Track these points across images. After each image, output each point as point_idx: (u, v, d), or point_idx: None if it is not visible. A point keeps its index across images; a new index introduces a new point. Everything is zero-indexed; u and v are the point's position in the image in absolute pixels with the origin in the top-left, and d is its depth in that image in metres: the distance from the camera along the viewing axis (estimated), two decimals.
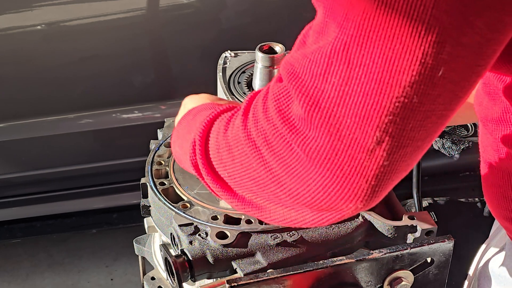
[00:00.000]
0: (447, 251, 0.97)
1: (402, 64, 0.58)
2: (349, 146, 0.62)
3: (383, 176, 0.63)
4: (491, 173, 0.87)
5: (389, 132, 0.60)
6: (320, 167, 0.63)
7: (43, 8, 1.83)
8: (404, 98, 0.59)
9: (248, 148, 0.69)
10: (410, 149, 0.62)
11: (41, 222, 2.22)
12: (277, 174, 0.67)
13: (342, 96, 0.60)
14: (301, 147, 0.64)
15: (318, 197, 0.66)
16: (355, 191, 0.64)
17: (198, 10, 1.88)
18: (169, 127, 1.26)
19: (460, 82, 0.60)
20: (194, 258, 0.94)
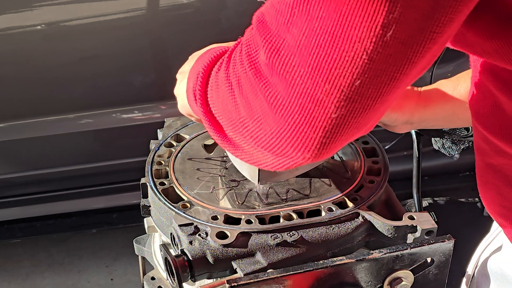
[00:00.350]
0: (447, 251, 0.97)
1: (354, 19, 0.60)
2: (300, 95, 0.65)
3: (331, 128, 0.66)
4: (485, 170, 0.87)
5: (337, 85, 0.63)
6: (275, 114, 0.67)
7: (43, 8, 1.83)
8: (354, 54, 0.61)
9: (226, 89, 0.74)
10: (359, 105, 0.64)
11: (41, 222, 2.22)
12: (243, 116, 0.72)
13: (299, 46, 0.63)
14: (263, 92, 0.67)
15: (272, 143, 0.69)
16: (303, 141, 0.67)
17: (198, 10, 1.88)
18: (169, 127, 1.26)
19: (412, 46, 0.61)
20: (194, 258, 0.94)
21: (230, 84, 0.74)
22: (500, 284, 0.96)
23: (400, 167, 1.87)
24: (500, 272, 0.95)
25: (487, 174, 0.87)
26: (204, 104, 0.81)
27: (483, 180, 0.89)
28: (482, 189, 0.91)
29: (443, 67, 2.03)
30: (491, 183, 0.87)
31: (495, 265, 0.97)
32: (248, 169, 1.04)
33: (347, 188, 1.08)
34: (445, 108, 1.10)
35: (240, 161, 1.04)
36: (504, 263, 0.94)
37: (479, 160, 0.89)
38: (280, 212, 1.02)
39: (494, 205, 0.89)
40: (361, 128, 0.68)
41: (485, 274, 0.99)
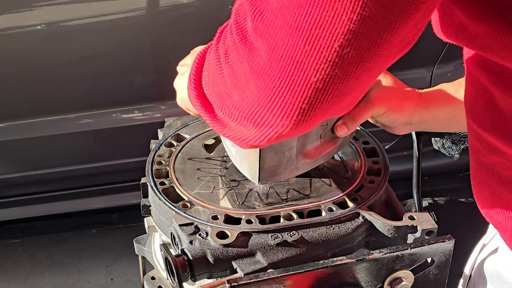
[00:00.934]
0: (447, 251, 0.97)
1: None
2: (281, 57, 0.65)
3: (311, 93, 0.66)
4: (479, 170, 0.87)
5: (317, 46, 0.63)
6: (257, 79, 0.67)
7: (43, 8, 1.83)
8: (334, 14, 0.61)
9: (214, 62, 0.74)
10: (338, 71, 0.64)
11: (41, 222, 2.22)
12: (229, 86, 0.72)
13: (281, 7, 0.63)
14: (247, 58, 0.67)
15: (254, 111, 0.69)
16: (283, 106, 0.67)
17: (198, 10, 1.88)
18: (169, 127, 1.26)
19: (393, 10, 0.61)
20: (194, 258, 0.94)
21: (218, 57, 0.74)
22: (496, 286, 0.96)
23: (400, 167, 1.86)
24: (496, 273, 0.95)
25: (481, 173, 0.87)
26: (198, 87, 0.81)
27: (476, 180, 0.89)
28: (475, 189, 0.91)
29: (443, 67, 2.03)
30: (484, 183, 0.87)
31: (491, 266, 0.97)
32: (248, 169, 1.04)
33: (347, 188, 1.08)
34: (446, 111, 1.10)
35: (241, 161, 1.04)
36: (500, 264, 0.94)
37: (473, 160, 0.89)
38: (281, 212, 1.02)
39: (487, 205, 0.89)
40: (342, 98, 0.67)
41: (482, 275, 0.99)
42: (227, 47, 0.72)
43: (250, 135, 0.74)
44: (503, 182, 0.83)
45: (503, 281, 0.94)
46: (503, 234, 0.88)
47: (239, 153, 1.04)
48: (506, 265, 0.93)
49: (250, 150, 0.99)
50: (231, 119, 0.75)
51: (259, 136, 0.72)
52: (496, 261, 0.96)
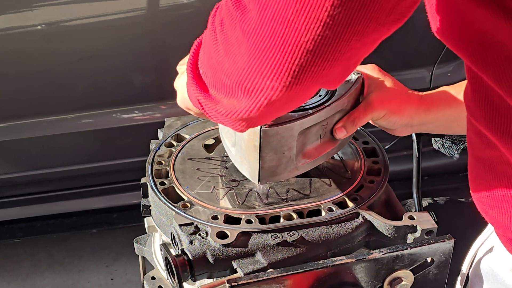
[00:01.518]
0: (447, 251, 0.97)
1: None
2: (272, 17, 0.65)
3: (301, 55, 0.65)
4: (476, 165, 0.88)
5: (308, 5, 0.63)
6: (248, 41, 0.67)
7: (43, 8, 1.83)
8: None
9: (210, 35, 0.74)
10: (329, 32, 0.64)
11: (41, 222, 2.22)
12: (221, 55, 0.71)
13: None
14: (241, 24, 0.67)
15: (246, 75, 0.69)
16: (274, 68, 0.67)
17: (198, 10, 1.87)
18: (169, 127, 1.26)
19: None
20: (194, 258, 0.94)
21: (214, 29, 0.74)
22: (491, 285, 0.96)
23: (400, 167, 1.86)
24: (491, 272, 0.96)
25: (477, 168, 0.87)
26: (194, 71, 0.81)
27: (473, 176, 0.89)
28: (472, 185, 0.91)
29: (443, 67, 2.03)
30: (481, 178, 0.87)
31: (486, 265, 0.97)
32: (248, 169, 1.04)
33: (347, 188, 1.08)
34: (446, 114, 1.10)
35: (240, 161, 1.04)
36: (495, 263, 0.95)
37: (470, 156, 0.89)
38: (280, 212, 1.02)
39: (483, 200, 0.89)
40: (332, 64, 0.67)
41: (478, 274, 0.99)
42: (222, 16, 0.72)
43: (240, 106, 0.73)
44: (498, 177, 0.83)
45: (498, 280, 0.94)
46: (497, 229, 0.88)
47: (239, 153, 1.04)
48: (500, 263, 0.93)
49: (250, 150, 0.99)
50: (223, 93, 0.74)
51: (250, 105, 0.72)
52: (491, 260, 0.96)
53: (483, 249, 1.00)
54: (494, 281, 0.95)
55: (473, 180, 0.90)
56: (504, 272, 0.92)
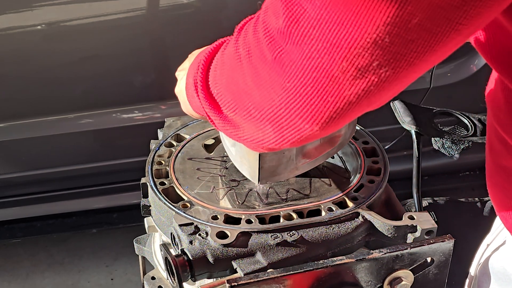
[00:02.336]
0: (447, 250, 0.97)
1: (381, 3, 0.59)
2: (316, 68, 0.64)
3: (343, 105, 0.66)
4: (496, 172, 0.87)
5: (355, 64, 0.62)
6: (286, 82, 0.66)
7: (43, 8, 1.83)
8: (376, 36, 0.60)
9: (234, 61, 0.73)
10: (373, 87, 0.64)
11: (41, 222, 2.22)
12: (250, 86, 0.71)
13: (320, 20, 0.62)
14: (275, 59, 0.66)
15: (280, 113, 0.69)
16: (313, 113, 0.67)
17: (198, 10, 1.88)
18: (169, 127, 1.26)
19: (436, 34, 0.61)
20: (194, 258, 0.94)
21: (238, 55, 0.72)
22: (502, 284, 0.96)
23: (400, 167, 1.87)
24: (503, 271, 0.95)
25: (498, 176, 0.87)
26: (205, 89, 0.80)
27: (493, 182, 0.89)
28: (491, 190, 0.90)
29: (443, 67, 2.04)
30: (501, 186, 0.87)
31: (497, 264, 0.97)
32: (248, 169, 1.04)
33: (347, 188, 1.08)
34: None
35: (240, 161, 1.04)
36: (508, 262, 0.94)
37: (490, 162, 0.89)
38: (280, 212, 1.02)
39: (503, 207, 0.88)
40: (372, 105, 0.68)
41: (486, 273, 0.99)
42: (249, 45, 0.70)
43: (268, 137, 0.73)
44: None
45: (511, 279, 0.93)
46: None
47: (239, 153, 1.04)
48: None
49: (250, 150, 0.99)
50: (246, 119, 0.74)
51: (279, 138, 0.72)
52: (504, 259, 0.96)
53: (492, 247, 0.99)
54: (506, 280, 0.95)
55: (492, 186, 0.90)
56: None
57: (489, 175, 0.90)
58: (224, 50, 0.78)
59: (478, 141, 1.40)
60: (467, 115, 1.45)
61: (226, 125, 0.78)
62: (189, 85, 0.85)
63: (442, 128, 1.43)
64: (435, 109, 1.46)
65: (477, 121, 1.43)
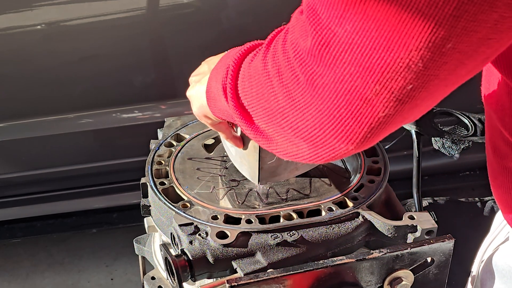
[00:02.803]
0: (447, 250, 0.97)
1: (413, 28, 0.59)
2: (349, 92, 0.64)
3: (377, 125, 0.66)
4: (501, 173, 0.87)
5: (389, 87, 0.63)
6: (320, 104, 0.67)
7: (43, 8, 1.83)
8: (409, 61, 0.60)
9: (263, 78, 0.73)
10: (408, 106, 0.65)
11: (41, 222, 2.22)
12: (282, 105, 0.71)
13: (351, 44, 0.62)
14: (308, 81, 0.67)
15: (315, 133, 0.69)
16: (347, 134, 0.67)
17: (198, 10, 1.88)
18: (169, 126, 1.26)
19: (468, 52, 0.61)
20: (194, 258, 0.94)
21: (267, 73, 0.73)
22: (506, 281, 0.96)
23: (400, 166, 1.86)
24: (508, 268, 0.95)
25: (502, 177, 0.87)
26: (235, 97, 0.80)
27: (497, 183, 0.89)
28: (496, 192, 0.90)
29: None
30: (506, 187, 0.87)
31: (501, 261, 0.97)
32: (248, 170, 1.04)
33: (347, 188, 1.08)
34: None
35: (240, 161, 1.04)
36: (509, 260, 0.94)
37: (495, 163, 0.89)
38: (280, 212, 1.02)
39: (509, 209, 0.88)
40: (406, 120, 0.68)
41: (489, 271, 0.99)
42: (279, 66, 0.71)
43: (302, 153, 0.73)
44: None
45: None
46: None
47: (239, 154, 1.04)
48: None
49: (249, 151, 0.99)
50: (280, 136, 0.74)
51: (314, 155, 0.72)
52: (506, 256, 0.96)
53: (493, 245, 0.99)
54: (510, 278, 0.94)
55: (497, 187, 0.90)
56: None
57: (493, 176, 0.90)
58: (251, 62, 0.78)
59: (478, 141, 1.40)
60: (467, 115, 1.45)
61: (258, 136, 0.79)
62: (215, 89, 0.85)
63: (442, 128, 1.43)
64: (435, 109, 1.46)
65: (477, 121, 1.43)
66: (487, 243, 1.01)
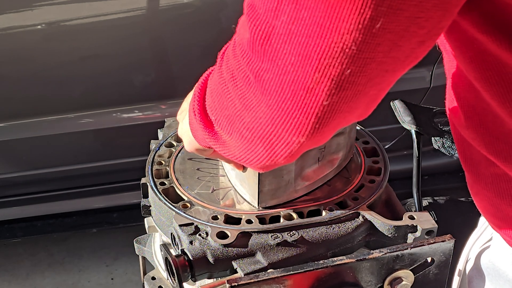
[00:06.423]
0: (447, 250, 0.97)
1: (342, 12, 0.60)
2: (292, 81, 0.66)
3: (323, 115, 0.67)
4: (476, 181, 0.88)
5: (327, 74, 0.64)
6: (269, 99, 0.68)
7: (43, 8, 1.83)
8: (343, 45, 0.62)
9: (221, 87, 0.75)
10: (350, 92, 0.66)
11: (42, 222, 2.22)
12: (238, 108, 0.73)
13: (289, 34, 0.64)
14: (256, 77, 0.68)
15: (268, 130, 0.71)
16: (296, 125, 0.68)
17: (198, 10, 1.88)
18: (169, 127, 1.26)
19: (399, 32, 0.62)
20: (194, 258, 0.94)
21: (224, 81, 0.74)
22: (492, 279, 0.96)
23: (400, 166, 1.87)
24: (492, 267, 0.96)
25: (477, 185, 0.88)
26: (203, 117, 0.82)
27: (474, 191, 0.90)
28: (475, 199, 0.92)
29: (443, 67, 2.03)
30: (482, 194, 0.87)
31: (486, 260, 0.97)
32: (248, 192, 1.04)
33: (347, 188, 1.08)
34: None
35: (240, 184, 1.05)
36: (496, 258, 0.95)
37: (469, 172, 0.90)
38: (280, 212, 1.02)
39: (489, 214, 0.89)
40: (353, 112, 0.69)
41: (476, 268, 1.00)
42: (232, 69, 0.72)
43: (261, 156, 0.75)
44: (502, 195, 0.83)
45: (500, 274, 0.94)
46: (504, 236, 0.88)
47: (239, 177, 1.05)
48: (502, 257, 0.93)
49: (249, 174, 1.00)
50: (240, 141, 0.76)
51: (272, 155, 0.74)
52: (491, 254, 0.96)
53: (479, 243, 1.00)
54: (495, 276, 0.95)
55: (474, 195, 0.91)
56: (506, 266, 0.92)
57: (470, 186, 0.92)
58: (212, 77, 0.80)
59: None
60: None
61: (224, 149, 0.81)
62: (191, 119, 0.87)
63: (442, 127, 1.43)
64: (435, 108, 1.46)
65: None
66: (473, 240, 1.02)
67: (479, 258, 0.99)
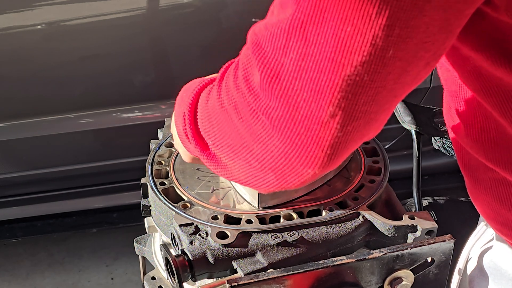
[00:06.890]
0: (447, 250, 0.97)
1: (353, 45, 0.61)
2: (305, 117, 0.66)
3: (338, 145, 0.68)
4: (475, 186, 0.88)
5: (342, 107, 0.64)
6: (281, 135, 0.68)
7: (43, 8, 1.83)
8: (356, 76, 0.62)
9: (222, 116, 0.75)
10: (363, 121, 0.67)
11: (42, 222, 2.22)
12: (246, 140, 0.73)
13: (299, 71, 0.64)
14: (265, 115, 0.68)
15: (281, 162, 0.71)
16: (312, 158, 0.69)
17: (198, 10, 1.88)
18: (169, 127, 1.26)
19: (408, 59, 0.63)
20: (194, 258, 0.94)
21: (225, 111, 0.74)
22: (494, 279, 0.96)
23: (400, 166, 1.87)
24: (494, 266, 0.96)
25: (477, 190, 0.88)
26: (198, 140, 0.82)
27: (473, 197, 0.90)
28: (475, 203, 0.92)
29: None
30: (482, 199, 0.88)
31: (488, 259, 0.97)
32: (247, 193, 1.04)
33: (347, 188, 1.08)
34: None
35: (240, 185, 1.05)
36: (497, 257, 0.95)
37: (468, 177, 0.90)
38: (280, 212, 1.02)
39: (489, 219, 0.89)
40: (364, 137, 0.70)
41: (477, 267, 1.00)
42: (235, 103, 0.72)
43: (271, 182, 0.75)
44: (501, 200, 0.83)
45: (502, 273, 0.94)
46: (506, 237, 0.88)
47: None
48: (503, 257, 0.93)
49: None
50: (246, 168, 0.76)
51: (282, 182, 0.74)
52: (493, 254, 0.96)
53: (480, 243, 1.00)
54: (497, 275, 0.95)
55: (474, 199, 0.91)
56: (508, 265, 0.92)
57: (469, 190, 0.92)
58: (207, 102, 0.79)
59: None
60: None
61: (224, 171, 0.81)
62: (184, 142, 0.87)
63: (442, 127, 1.43)
64: (435, 108, 1.46)
65: None
66: (474, 240, 1.02)
67: (481, 258, 0.99)
